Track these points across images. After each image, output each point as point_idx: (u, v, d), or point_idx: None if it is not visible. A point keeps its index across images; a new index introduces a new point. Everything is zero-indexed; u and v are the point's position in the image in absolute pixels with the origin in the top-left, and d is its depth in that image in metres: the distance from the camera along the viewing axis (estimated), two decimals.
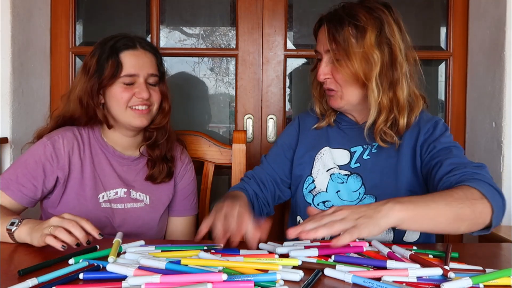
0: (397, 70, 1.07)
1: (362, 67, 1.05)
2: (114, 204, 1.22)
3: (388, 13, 1.09)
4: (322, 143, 1.21)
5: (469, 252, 1.02)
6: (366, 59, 1.05)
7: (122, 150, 1.27)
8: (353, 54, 1.05)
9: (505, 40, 1.61)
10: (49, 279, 0.76)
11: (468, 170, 0.96)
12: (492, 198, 0.88)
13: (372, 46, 1.05)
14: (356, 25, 1.06)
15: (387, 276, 0.79)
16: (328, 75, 1.11)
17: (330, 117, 1.21)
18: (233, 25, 1.93)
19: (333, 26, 1.07)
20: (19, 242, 1.00)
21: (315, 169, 1.19)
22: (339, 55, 1.07)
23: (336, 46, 1.06)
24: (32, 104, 1.76)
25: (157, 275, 0.72)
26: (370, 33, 1.05)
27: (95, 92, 1.19)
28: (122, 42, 1.20)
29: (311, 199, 1.17)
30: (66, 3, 1.87)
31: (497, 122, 1.65)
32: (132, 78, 1.19)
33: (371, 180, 1.13)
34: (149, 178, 1.27)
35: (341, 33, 1.06)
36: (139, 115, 1.19)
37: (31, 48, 1.75)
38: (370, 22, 1.06)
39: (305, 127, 1.26)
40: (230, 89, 1.99)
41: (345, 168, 1.16)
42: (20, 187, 1.14)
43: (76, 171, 1.20)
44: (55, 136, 1.20)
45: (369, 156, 1.15)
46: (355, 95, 1.11)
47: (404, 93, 1.08)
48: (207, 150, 1.50)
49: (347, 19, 1.06)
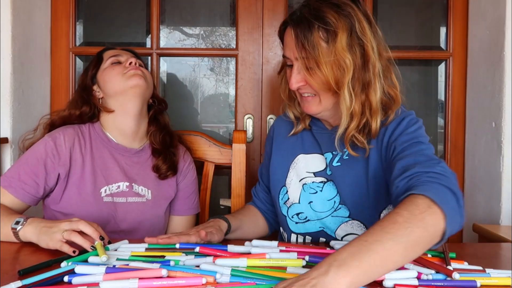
0: (369, 71, 0.99)
1: (333, 75, 0.97)
2: (117, 198, 1.22)
3: (356, 7, 0.99)
4: (296, 150, 1.16)
5: (469, 252, 1.02)
6: (338, 65, 0.97)
7: (124, 141, 1.27)
8: (323, 63, 0.96)
9: (505, 40, 1.61)
10: (32, 281, 0.75)
11: (418, 170, 0.86)
12: (442, 200, 0.76)
13: (344, 50, 0.96)
14: (326, 29, 0.96)
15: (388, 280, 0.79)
16: (301, 82, 1.02)
17: (305, 120, 1.15)
18: (233, 25, 1.93)
19: (301, 31, 0.97)
20: (24, 241, 1.00)
21: (289, 179, 1.15)
22: (309, 63, 0.98)
23: (305, 54, 0.97)
24: (32, 104, 1.76)
25: (134, 280, 0.73)
26: (340, 36, 0.96)
27: (87, 84, 1.29)
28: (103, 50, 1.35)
29: (285, 211, 1.14)
30: (66, 3, 1.87)
31: (497, 122, 1.65)
32: (115, 58, 1.29)
33: (344, 188, 1.07)
34: (155, 168, 1.28)
35: (310, 39, 0.96)
36: (134, 72, 1.23)
37: (31, 48, 1.75)
38: (340, 23, 0.96)
39: (280, 134, 1.21)
40: (230, 89, 1.99)
41: (321, 175, 1.11)
42: (22, 184, 1.15)
43: (77, 167, 1.20)
44: (56, 133, 1.22)
45: (339, 163, 1.08)
46: (331, 101, 1.04)
47: (377, 95, 1.00)
48: (207, 150, 1.50)
49: (316, 23, 0.96)
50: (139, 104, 1.25)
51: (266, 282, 0.75)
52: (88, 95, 1.28)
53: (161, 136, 1.30)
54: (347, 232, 1.07)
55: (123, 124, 1.26)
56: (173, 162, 1.30)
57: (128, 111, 1.25)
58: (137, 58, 1.31)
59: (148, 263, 0.83)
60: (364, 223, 1.06)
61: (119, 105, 1.25)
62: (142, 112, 1.28)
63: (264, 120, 1.88)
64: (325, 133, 1.13)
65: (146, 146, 1.31)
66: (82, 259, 0.87)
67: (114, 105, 1.26)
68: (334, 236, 1.09)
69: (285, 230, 1.16)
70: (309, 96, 1.05)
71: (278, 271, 0.82)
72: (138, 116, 1.27)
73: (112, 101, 1.26)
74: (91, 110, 1.27)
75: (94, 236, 0.92)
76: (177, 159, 1.33)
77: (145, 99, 1.28)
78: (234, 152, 1.47)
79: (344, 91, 0.98)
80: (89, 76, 1.30)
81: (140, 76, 1.23)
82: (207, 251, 0.91)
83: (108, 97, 1.26)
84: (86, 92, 1.28)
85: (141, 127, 1.29)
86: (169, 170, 1.29)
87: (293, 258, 0.87)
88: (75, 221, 0.95)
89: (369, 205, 1.05)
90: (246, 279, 0.76)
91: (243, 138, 1.47)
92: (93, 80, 1.30)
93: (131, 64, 1.25)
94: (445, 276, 0.81)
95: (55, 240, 0.93)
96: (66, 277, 0.76)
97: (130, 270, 0.78)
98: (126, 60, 1.27)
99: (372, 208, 1.05)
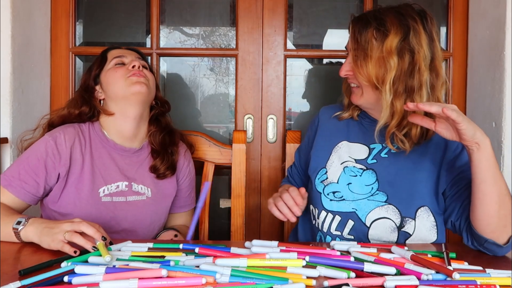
0: (416, 78, 1.07)
1: (375, 70, 1.08)
2: (116, 197, 1.22)
3: (420, 21, 1.10)
4: (340, 136, 1.24)
5: (469, 252, 1.02)
6: (382, 63, 1.08)
7: (123, 142, 1.27)
8: (370, 57, 1.08)
9: (505, 40, 1.61)
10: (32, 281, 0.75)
11: None
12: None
13: (391, 51, 1.07)
14: (379, 29, 1.08)
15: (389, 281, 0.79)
16: (349, 72, 1.15)
17: (354, 111, 1.24)
18: (233, 25, 1.93)
19: (358, 27, 1.11)
20: (25, 241, 1.00)
21: (330, 161, 1.21)
22: (358, 55, 1.10)
23: (356, 46, 1.10)
24: (32, 104, 1.76)
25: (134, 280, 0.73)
26: (392, 38, 1.07)
27: (90, 84, 1.28)
28: (107, 49, 1.34)
29: (321, 189, 1.19)
30: (66, 3, 1.87)
31: (497, 122, 1.65)
32: (119, 59, 1.27)
33: (385, 177, 1.14)
34: (152, 169, 1.28)
35: (363, 34, 1.09)
36: (136, 79, 1.22)
37: (31, 48, 1.75)
38: (395, 28, 1.08)
39: (325, 121, 1.29)
40: (230, 89, 1.99)
41: (361, 163, 1.18)
42: (22, 183, 1.14)
43: (77, 166, 1.20)
44: (57, 132, 1.21)
45: (387, 155, 1.17)
46: (372, 95, 1.13)
47: (423, 101, 1.08)
48: (207, 150, 1.50)
49: (373, 22, 1.09)
50: (140, 109, 1.25)
51: (266, 282, 0.75)
52: (90, 96, 1.28)
53: (161, 136, 1.30)
54: (380, 216, 1.11)
55: (123, 127, 1.26)
56: (172, 162, 1.30)
57: (128, 115, 1.25)
58: (141, 59, 1.31)
59: (148, 263, 0.83)
60: (399, 209, 1.11)
61: (120, 108, 1.25)
62: (143, 116, 1.28)
63: (264, 120, 1.88)
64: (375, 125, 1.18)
65: (145, 145, 1.31)
66: (82, 260, 0.87)
67: (114, 108, 1.25)
68: (363, 221, 1.12)
69: (316, 206, 1.19)
70: (354, 86, 1.17)
71: (278, 271, 0.82)
72: (138, 120, 1.27)
73: (113, 103, 1.26)
74: (90, 111, 1.27)
75: (96, 237, 0.92)
76: (177, 158, 1.33)
77: (146, 104, 1.28)
78: (234, 152, 1.47)
79: (385, 87, 1.08)
80: (92, 76, 1.29)
81: (142, 83, 1.22)
82: (206, 252, 0.91)
83: (110, 99, 1.26)
84: (88, 93, 1.28)
85: (141, 130, 1.29)
86: (167, 171, 1.29)
87: (293, 258, 0.87)
88: (76, 222, 0.95)
89: (407, 199, 1.11)
90: (246, 279, 0.76)
91: (243, 138, 1.47)
92: (96, 80, 1.29)
93: (134, 67, 1.24)
94: (445, 276, 0.81)
95: (56, 241, 0.93)
96: (66, 277, 0.77)
97: (130, 270, 0.78)
98: (130, 62, 1.26)
99: (409, 201, 1.11)
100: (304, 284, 0.76)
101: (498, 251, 0.99)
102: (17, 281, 0.74)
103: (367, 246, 1.00)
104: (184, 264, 0.85)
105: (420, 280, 0.80)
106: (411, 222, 1.10)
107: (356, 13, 1.92)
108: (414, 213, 1.10)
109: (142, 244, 0.98)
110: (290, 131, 1.52)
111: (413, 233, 1.10)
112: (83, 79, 1.32)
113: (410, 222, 1.10)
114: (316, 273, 0.81)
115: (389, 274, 0.83)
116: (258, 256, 0.87)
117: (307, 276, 0.81)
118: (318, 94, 1.99)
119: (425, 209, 1.11)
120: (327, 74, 2.01)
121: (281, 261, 0.85)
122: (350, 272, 0.81)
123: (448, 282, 0.79)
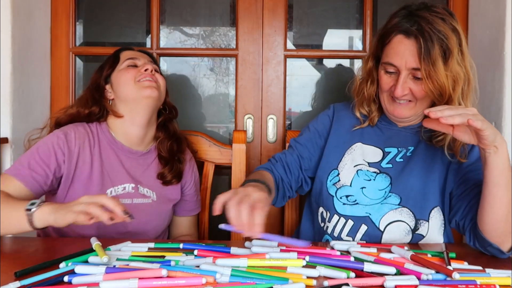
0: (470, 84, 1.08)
1: (448, 84, 1.04)
2: (122, 199, 1.22)
3: (456, 21, 1.07)
4: (354, 138, 1.21)
5: (469, 252, 1.02)
6: (453, 78, 1.04)
7: (131, 145, 1.27)
8: (441, 76, 1.03)
9: (505, 40, 1.61)
10: (32, 281, 0.75)
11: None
12: None
13: (458, 65, 1.05)
14: (443, 46, 1.03)
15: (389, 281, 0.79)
16: (406, 90, 1.08)
17: (374, 118, 1.20)
18: (233, 25, 1.93)
19: (425, 44, 1.02)
20: (35, 226, 0.95)
21: (343, 163, 1.19)
22: (423, 74, 1.04)
23: (424, 66, 1.03)
24: (32, 104, 1.76)
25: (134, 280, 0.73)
26: (455, 54, 1.04)
27: (101, 84, 1.28)
28: (120, 49, 1.34)
29: (334, 192, 1.17)
30: (66, 3, 1.87)
31: (497, 122, 1.65)
32: (132, 61, 1.27)
33: (399, 180, 1.13)
34: (160, 176, 1.28)
35: (432, 53, 1.02)
36: (148, 84, 1.22)
37: (31, 48, 1.75)
38: (452, 40, 1.04)
39: (339, 119, 1.25)
40: (230, 89, 1.99)
41: (375, 166, 1.16)
42: (31, 172, 1.12)
43: (85, 166, 1.20)
44: (67, 129, 1.21)
45: (402, 159, 1.15)
46: (425, 107, 1.11)
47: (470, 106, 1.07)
48: (207, 150, 1.51)
49: (437, 39, 1.02)
50: (148, 113, 1.25)
51: (266, 282, 0.75)
52: (100, 96, 1.27)
53: (169, 144, 1.30)
54: (394, 219, 1.11)
55: (130, 130, 1.26)
56: (179, 170, 1.31)
57: (136, 119, 1.25)
58: (153, 63, 1.31)
59: (148, 263, 0.83)
60: (413, 211, 1.11)
61: (129, 111, 1.25)
62: (151, 120, 1.28)
63: (264, 120, 1.88)
64: (394, 129, 1.19)
65: (152, 149, 1.31)
66: (82, 260, 0.87)
67: (123, 110, 1.25)
68: (377, 226, 1.11)
69: (328, 210, 1.17)
70: (404, 102, 1.11)
71: (278, 271, 0.82)
72: (146, 124, 1.27)
73: (122, 105, 1.25)
74: (100, 111, 1.26)
75: (117, 209, 0.89)
76: (184, 165, 1.34)
77: (155, 109, 1.28)
78: (234, 152, 1.47)
79: (454, 99, 1.05)
80: (104, 75, 1.29)
81: (153, 88, 1.22)
82: (205, 253, 0.91)
83: (119, 100, 1.26)
84: (99, 93, 1.28)
85: (148, 134, 1.29)
86: (174, 179, 1.30)
87: (293, 258, 0.87)
88: (96, 195, 0.93)
89: (421, 201, 1.11)
90: (246, 279, 0.76)
91: (243, 138, 1.47)
92: (106, 80, 1.29)
93: (146, 70, 1.24)
94: (445, 276, 0.81)
95: (72, 211, 0.90)
96: (66, 277, 0.77)
97: (130, 270, 0.78)
98: (143, 65, 1.26)
99: (423, 203, 1.11)
100: (304, 284, 0.76)
101: (500, 256, 0.99)
102: (17, 281, 0.74)
103: (367, 246, 1.00)
104: (184, 264, 0.85)
105: (420, 280, 0.80)
106: (425, 224, 1.10)
107: (356, 13, 1.93)
108: (428, 214, 1.10)
109: (142, 244, 0.98)
110: (290, 131, 1.52)
111: (426, 235, 1.10)
112: (94, 78, 1.31)
113: (424, 224, 1.10)
114: (316, 273, 0.81)
115: (389, 274, 0.83)
116: (258, 256, 0.87)
117: (307, 276, 0.81)
118: (323, 95, 1.98)
119: (437, 209, 1.11)
120: (335, 76, 1.99)
121: (281, 261, 0.85)
122: (350, 272, 0.82)
123: (448, 282, 0.79)
